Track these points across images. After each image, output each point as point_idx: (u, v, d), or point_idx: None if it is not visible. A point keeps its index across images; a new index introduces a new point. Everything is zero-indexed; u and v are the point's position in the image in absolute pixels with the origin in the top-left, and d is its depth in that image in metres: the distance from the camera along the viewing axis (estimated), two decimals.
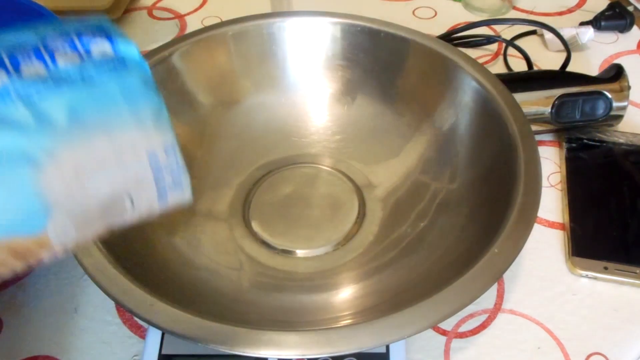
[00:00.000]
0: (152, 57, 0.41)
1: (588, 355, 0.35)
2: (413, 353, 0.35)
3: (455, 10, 0.63)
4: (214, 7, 0.64)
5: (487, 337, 0.36)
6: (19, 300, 0.38)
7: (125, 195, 0.16)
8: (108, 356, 0.35)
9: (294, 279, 0.37)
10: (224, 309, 0.33)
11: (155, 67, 0.40)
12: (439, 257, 0.35)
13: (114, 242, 0.31)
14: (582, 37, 0.56)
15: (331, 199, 0.41)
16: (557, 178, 0.45)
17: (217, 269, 0.37)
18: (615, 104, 0.45)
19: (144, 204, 0.17)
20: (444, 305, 0.27)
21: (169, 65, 0.41)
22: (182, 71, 0.42)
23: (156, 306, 0.27)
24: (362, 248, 0.39)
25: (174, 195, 0.18)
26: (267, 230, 0.39)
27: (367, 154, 0.44)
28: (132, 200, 0.17)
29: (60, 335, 0.36)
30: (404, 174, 0.42)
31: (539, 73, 0.51)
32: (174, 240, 0.37)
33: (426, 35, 0.42)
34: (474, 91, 0.39)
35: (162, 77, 0.41)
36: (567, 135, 0.46)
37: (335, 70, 0.45)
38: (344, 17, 0.44)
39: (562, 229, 0.41)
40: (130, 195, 0.16)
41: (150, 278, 0.30)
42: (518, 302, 0.37)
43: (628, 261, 0.38)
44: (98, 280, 0.28)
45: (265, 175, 0.43)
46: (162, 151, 0.16)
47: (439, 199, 0.39)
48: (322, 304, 0.35)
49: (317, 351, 0.26)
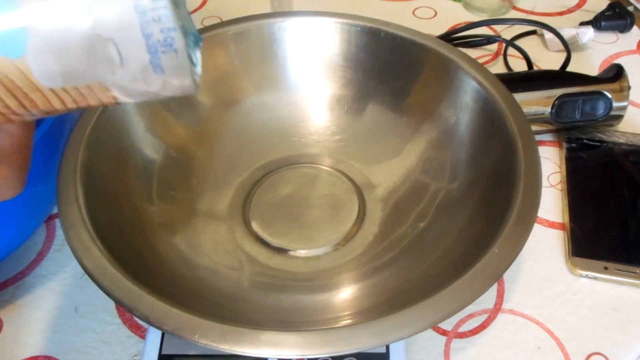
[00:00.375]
0: None
1: (588, 355, 0.35)
2: (413, 353, 0.35)
3: (455, 10, 0.63)
4: (214, 7, 0.64)
5: (487, 337, 0.36)
6: (19, 300, 0.38)
7: (109, 41, 0.14)
8: (108, 356, 0.35)
9: (294, 279, 0.37)
10: (224, 309, 0.33)
11: None
12: (439, 257, 0.35)
13: (114, 242, 0.31)
14: (582, 37, 0.56)
15: (331, 199, 0.41)
16: (557, 178, 0.45)
17: (217, 269, 0.37)
18: (615, 104, 0.45)
19: (134, 61, 0.15)
20: (444, 306, 0.27)
21: None
22: None
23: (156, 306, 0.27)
24: (362, 248, 0.39)
25: (168, 61, 0.15)
26: (267, 231, 0.39)
27: (367, 154, 0.44)
28: (119, 50, 0.14)
29: (60, 335, 0.36)
30: (404, 174, 0.42)
31: (539, 73, 0.51)
32: (174, 240, 0.37)
33: (426, 35, 0.42)
34: (474, 91, 0.39)
35: None
36: (567, 135, 0.46)
37: (335, 70, 0.45)
38: (344, 17, 0.44)
39: (562, 229, 0.41)
40: (115, 43, 0.14)
41: (150, 278, 0.30)
42: (518, 302, 0.37)
43: (628, 261, 0.38)
44: (98, 280, 0.28)
45: (265, 175, 0.43)
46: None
47: (439, 199, 0.39)
48: (322, 304, 0.35)
49: (317, 351, 0.26)
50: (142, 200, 0.38)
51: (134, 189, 0.38)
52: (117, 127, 0.38)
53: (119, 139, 0.38)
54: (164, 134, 0.41)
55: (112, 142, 0.37)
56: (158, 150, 0.40)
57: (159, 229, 0.37)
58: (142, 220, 0.37)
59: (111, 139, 0.37)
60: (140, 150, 0.39)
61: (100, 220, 0.32)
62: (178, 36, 0.14)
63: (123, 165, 0.38)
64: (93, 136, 0.35)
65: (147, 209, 0.38)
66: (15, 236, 0.37)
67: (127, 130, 0.39)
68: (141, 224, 0.36)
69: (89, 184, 0.33)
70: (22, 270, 0.40)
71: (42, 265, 0.40)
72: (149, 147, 0.40)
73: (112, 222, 0.34)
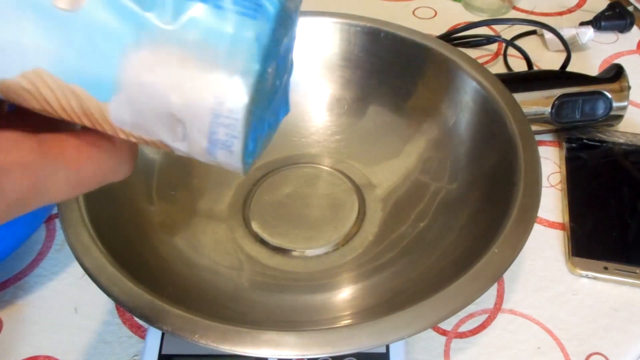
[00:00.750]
0: None
1: (588, 355, 0.35)
2: (413, 353, 0.35)
3: (455, 10, 0.63)
4: None
5: (487, 337, 0.36)
6: (19, 300, 0.38)
7: (179, 121, 0.16)
8: (108, 356, 0.35)
9: (294, 279, 0.37)
10: (224, 309, 0.33)
11: None
12: (439, 257, 0.35)
13: (114, 242, 0.31)
14: (582, 37, 0.56)
15: (331, 199, 0.41)
16: (557, 178, 0.45)
17: (217, 269, 0.37)
18: (615, 104, 0.45)
19: (194, 142, 0.17)
20: (444, 306, 0.27)
21: None
22: None
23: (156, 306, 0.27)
24: (362, 248, 0.39)
25: (222, 156, 0.17)
26: (267, 230, 0.39)
27: (367, 154, 0.44)
28: (185, 130, 0.16)
29: (60, 335, 0.36)
30: (404, 174, 0.42)
31: (539, 73, 0.51)
32: (174, 240, 0.37)
33: (426, 35, 0.42)
34: (474, 91, 0.39)
35: None
36: (567, 135, 0.46)
37: (335, 70, 0.45)
38: (344, 17, 0.44)
39: (562, 229, 0.41)
40: (184, 125, 0.16)
41: (150, 278, 0.30)
42: (518, 302, 0.37)
43: (628, 261, 0.38)
44: (98, 280, 0.28)
45: (265, 175, 0.43)
46: (230, 102, 0.16)
47: (439, 199, 0.39)
48: (322, 304, 0.35)
49: (317, 351, 0.26)
50: (142, 200, 0.38)
51: (134, 189, 0.38)
52: None
53: None
54: None
55: None
56: (158, 150, 0.40)
57: (159, 228, 0.37)
58: (142, 220, 0.37)
59: None
60: (140, 150, 0.39)
61: (100, 220, 0.32)
62: (238, 143, 0.17)
63: None
64: None
65: (147, 208, 0.38)
66: (14, 236, 0.37)
67: None
68: (141, 224, 0.36)
69: None
70: (22, 270, 0.40)
71: (42, 265, 0.40)
72: (149, 147, 0.40)
73: (112, 222, 0.34)
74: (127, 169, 0.20)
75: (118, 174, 0.19)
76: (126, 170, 0.19)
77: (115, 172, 0.19)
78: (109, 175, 0.19)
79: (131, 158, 0.20)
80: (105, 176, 0.18)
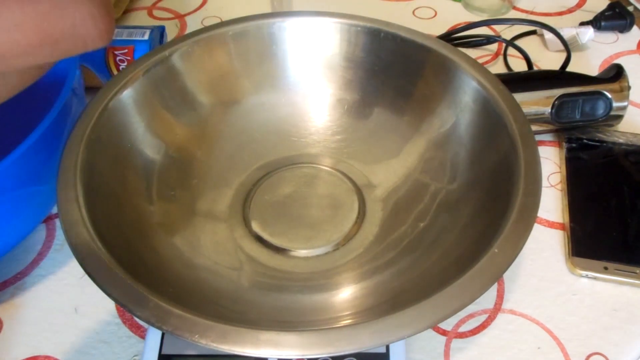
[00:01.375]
0: (152, 57, 0.41)
1: (588, 355, 0.35)
2: (413, 353, 0.35)
3: (455, 10, 0.63)
4: (214, 7, 0.64)
5: (487, 337, 0.36)
6: (19, 300, 0.38)
7: None
8: (108, 356, 0.35)
9: (294, 279, 0.37)
10: (224, 309, 0.33)
11: (155, 67, 0.40)
12: (439, 257, 0.35)
13: (114, 242, 0.31)
14: (582, 37, 0.56)
15: (331, 199, 0.41)
16: (557, 178, 0.45)
17: (217, 269, 0.37)
18: (615, 104, 0.45)
19: None
20: (444, 305, 0.27)
21: (169, 65, 0.41)
22: (182, 71, 0.42)
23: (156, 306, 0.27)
24: (362, 248, 0.39)
25: None
26: (267, 230, 0.39)
27: (367, 154, 0.44)
28: None
29: (60, 335, 0.36)
30: (404, 174, 0.42)
31: (539, 73, 0.51)
32: (174, 240, 0.37)
33: (426, 35, 0.42)
34: (474, 91, 0.39)
35: (162, 77, 0.41)
36: (567, 135, 0.46)
37: (335, 70, 0.45)
38: (344, 17, 0.44)
39: (562, 229, 0.41)
40: None
41: (150, 278, 0.30)
42: (518, 302, 0.37)
43: (628, 261, 0.38)
44: (98, 280, 0.28)
45: (265, 175, 0.43)
46: None
47: (439, 199, 0.39)
48: (322, 304, 0.35)
49: (317, 351, 0.26)
50: (142, 200, 0.38)
51: (134, 189, 0.38)
52: (117, 127, 0.38)
53: (119, 139, 0.38)
54: (164, 134, 0.41)
55: (112, 142, 0.37)
56: (158, 150, 0.40)
57: (159, 229, 0.37)
58: (142, 220, 0.37)
59: (111, 138, 0.37)
60: (140, 150, 0.39)
61: (100, 220, 0.32)
62: None
63: (123, 165, 0.38)
64: (93, 136, 0.35)
65: (147, 209, 0.38)
66: (13, 235, 0.37)
67: (127, 130, 0.39)
68: (141, 224, 0.36)
69: (89, 184, 0.33)
70: (22, 270, 0.40)
71: (42, 265, 0.40)
72: (149, 147, 0.40)
73: (112, 222, 0.34)
74: (104, 33, 0.17)
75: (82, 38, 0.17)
76: (102, 36, 0.17)
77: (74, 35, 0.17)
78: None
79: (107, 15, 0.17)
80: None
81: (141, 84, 0.39)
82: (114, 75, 0.46)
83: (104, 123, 0.36)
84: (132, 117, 0.39)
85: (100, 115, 0.36)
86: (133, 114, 0.39)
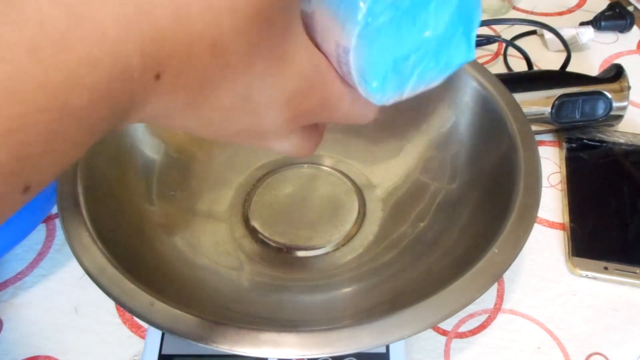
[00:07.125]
0: None
1: (588, 356, 0.35)
2: (413, 353, 0.35)
3: None
4: None
5: (487, 337, 0.36)
6: (19, 300, 0.38)
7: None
8: (108, 356, 0.35)
9: (294, 278, 0.37)
10: (224, 309, 0.33)
11: None
12: (439, 257, 0.35)
13: (114, 242, 0.31)
14: (582, 37, 0.56)
15: (331, 199, 0.41)
16: (557, 178, 0.45)
17: (217, 269, 0.37)
18: (615, 104, 0.45)
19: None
20: (444, 305, 0.27)
21: None
22: None
23: (156, 306, 0.27)
24: (362, 248, 0.39)
25: (346, 74, 0.20)
26: (267, 231, 0.39)
27: (367, 154, 0.44)
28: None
29: (60, 335, 0.36)
30: (404, 174, 0.42)
31: (539, 73, 0.51)
32: (174, 240, 0.37)
33: None
34: (474, 91, 0.39)
35: None
36: (567, 135, 0.46)
37: None
38: None
39: (562, 229, 0.41)
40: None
41: (150, 278, 0.30)
42: (518, 302, 0.37)
43: (628, 261, 0.38)
44: (98, 280, 0.28)
45: (265, 175, 0.43)
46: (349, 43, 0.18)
47: (439, 199, 0.39)
48: (322, 304, 0.35)
49: (317, 351, 0.26)
50: (142, 200, 0.38)
51: (134, 189, 0.38)
52: None
53: (119, 139, 0.38)
54: (164, 134, 0.41)
55: (112, 142, 0.37)
56: (158, 150, 0.40)
57: (159, 229, 0.37)
58: (142, 220, 0.37)
59: (111, 139, 0.37)
60: (140, 150, 0.39)
61: (100, 220, 0.32)
62: (352, 60, 0.19)
63: (123, 165, 0.38)
64: None
65: (147, 209, 0.38)
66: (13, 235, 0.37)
67: (127, 130, 0.39)
68: (141, 224, 0.36)
69: (89, 184, 0.33)
70: (22, 270, 0.40)
71: (42, 265, 0.40)
72: (149, 147, 0.40)
73: (112, 222, 0.34)
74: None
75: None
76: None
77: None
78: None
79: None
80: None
81: None
82: None
83: None
84: None
85: None
86: None
